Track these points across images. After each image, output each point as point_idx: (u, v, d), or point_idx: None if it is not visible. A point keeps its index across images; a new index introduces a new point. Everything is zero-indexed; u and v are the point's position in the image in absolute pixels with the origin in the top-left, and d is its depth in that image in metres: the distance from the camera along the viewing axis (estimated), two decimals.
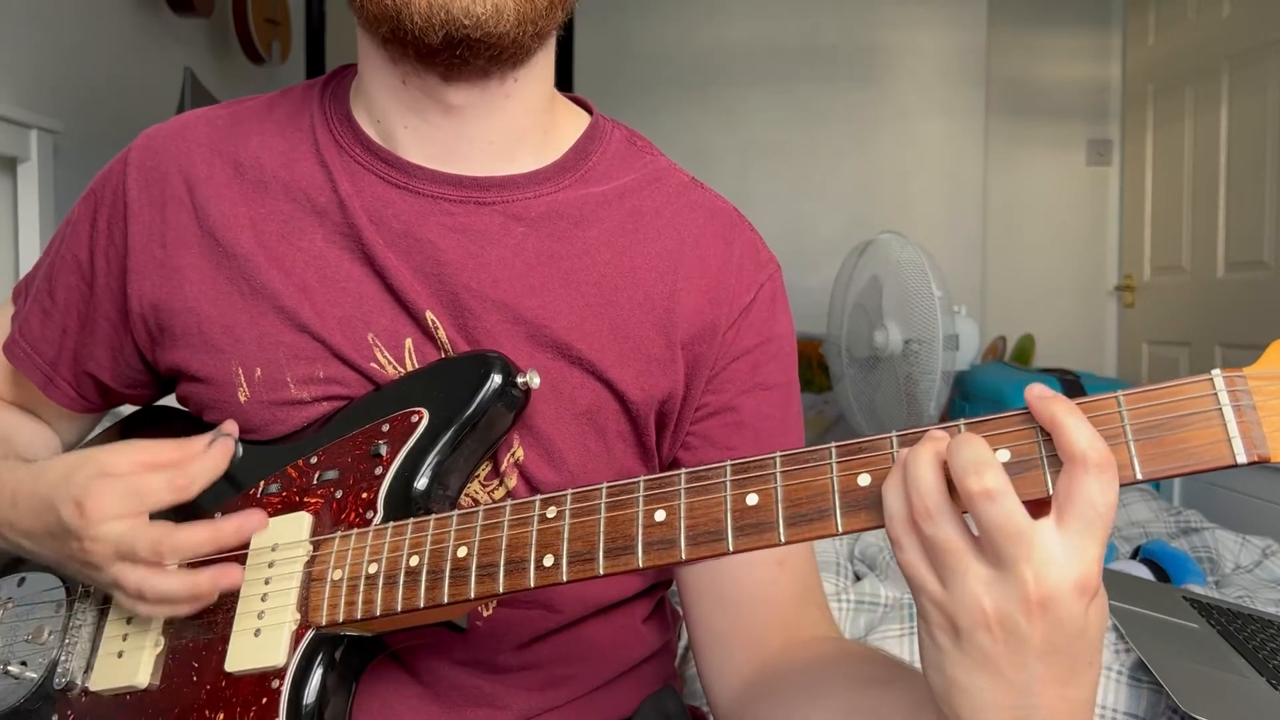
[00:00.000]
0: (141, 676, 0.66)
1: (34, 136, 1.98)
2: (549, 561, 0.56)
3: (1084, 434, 0.46)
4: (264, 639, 0.63)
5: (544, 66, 0.74)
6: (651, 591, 0.83)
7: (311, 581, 0.63)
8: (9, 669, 0.71)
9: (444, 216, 0.72)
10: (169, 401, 0.82)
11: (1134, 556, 1.66)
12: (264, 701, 0.61)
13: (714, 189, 0.81)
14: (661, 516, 0.54)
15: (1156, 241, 3.64)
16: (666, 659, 0.86)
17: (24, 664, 0.71)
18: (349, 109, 0.75)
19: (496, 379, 0.66)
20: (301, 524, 0.66)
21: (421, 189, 0.72)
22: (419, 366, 0.71)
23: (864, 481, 0.51)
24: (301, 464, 0.69)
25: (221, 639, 0.64)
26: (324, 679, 0.61)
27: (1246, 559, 1.71)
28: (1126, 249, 3.87)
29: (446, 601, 0.59)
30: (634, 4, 3.94)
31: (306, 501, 0.67)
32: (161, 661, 0.66)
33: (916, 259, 2.31)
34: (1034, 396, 0.48)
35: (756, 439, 0.76)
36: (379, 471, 0.66)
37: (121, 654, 0.67)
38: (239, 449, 0.70)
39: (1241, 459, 0.45)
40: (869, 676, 0.65)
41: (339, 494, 0.67)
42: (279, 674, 0.61)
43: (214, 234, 0.73)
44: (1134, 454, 0.47)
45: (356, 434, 0.68)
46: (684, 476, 0.55)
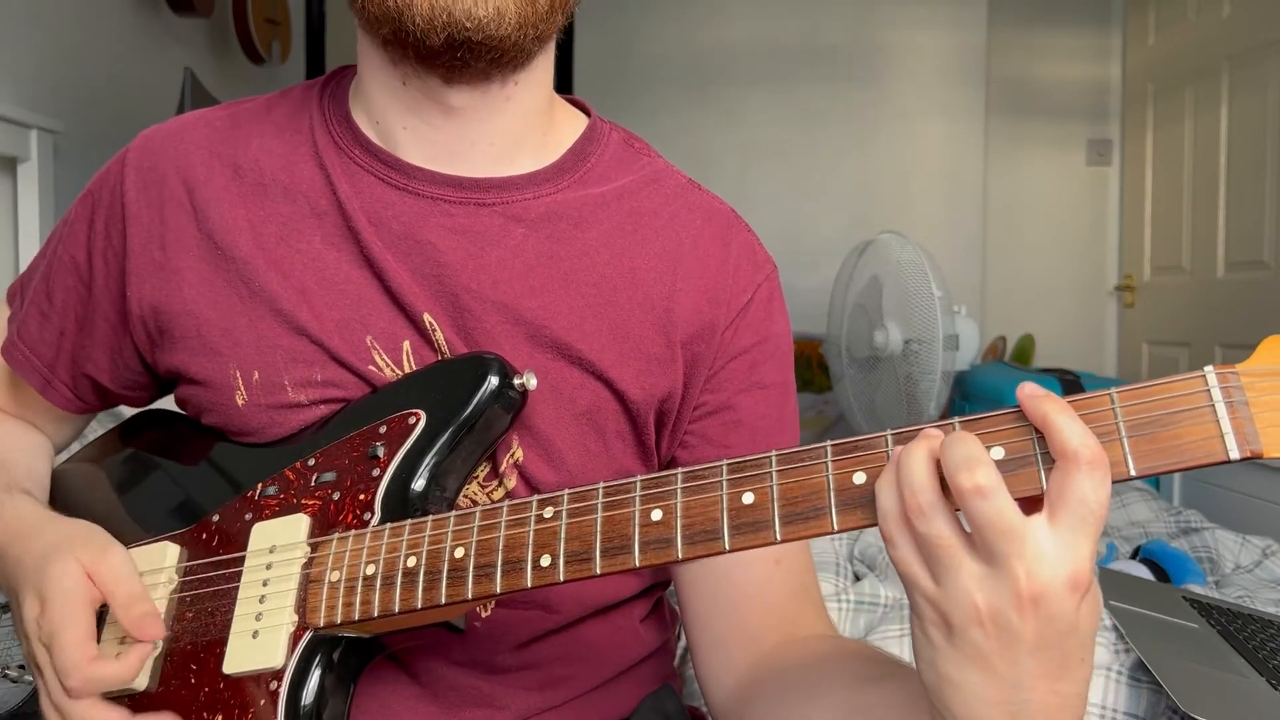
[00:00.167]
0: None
1: (34, 136, 1.98)
2: (546, 562, 0.56)
3: (1075, 431, 0.46)
4: (262, 640, 0.63)
5: (544, 69, 0.74)
6: (649, 592, 0.83)
7: (309, 583, 0.63)
8: (8, 672, 0.71)
9: (443, 218, 0.72)
10: (167, 403, 0.82)
11: (1134, 556, 1.66)
12: (262, 703, 0.61)
13: (713, 190, 0.81)
14: (658, 516, 0.54)
15: (1156, 241, 3.64)
16: (665, 659, 0.86)
17: (22, 668, 0.71)
18: (348, 110, 0.75)
19: (493, 380, 0.66)
20: (299, 526, 0.66)
21: (421, 190, 0.72)
22: (416, 369, 0.71)
23: (859, 480, 0.51)
24: (299, 466, 0.69)
25: (219, 641, 0.64)
26: (322, 680, 0.61)
27: (1246, 559, 1.71)
28: (1126, 249, 3.87)
29: (444, 602, 0.59)
30: (634, 4, 3.95)
31: (304, 503, 0.67)
32: (159, 664, 0.66)
33: (916, 259, 2.31)
34: (1025, 395, 0.48)
35: (753, 437, 0.76)
36: (376, 473, 0.66)
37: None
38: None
39: (1234, 455, 0.45)
40: (865, 674, 0.65)
41: (336, 496, 0.67)
42: (277, 675, 0.61)
43: (213, 236, 0.73)
44: (1127, 450, 0.47)
45: (354, 436, 0.68)
46: (680, 476, 0.55)
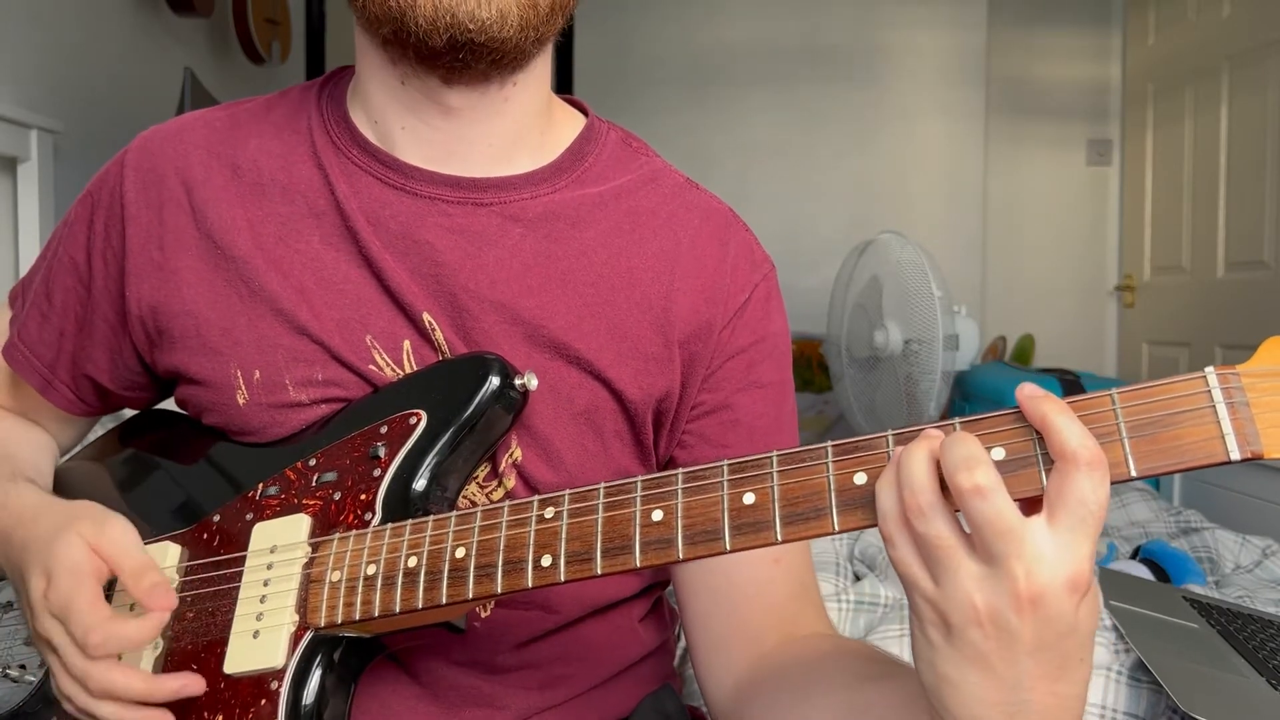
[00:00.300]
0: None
1: (34, 136, 1.98)
2: (547, 562, 0.56)
3: (1075, 432, 0.46)
4: (263, 640, 0.63)
5: (542, 70, 0.74)
6: (649, 591, 0.83)
7: (310, 583, 0.63)
8: (9, 672, 0.71)
9: (441, 218, 0.72)
10: (168, 404, 0.82)
11: (1134, 556, 1.66)
12: (263, 703, 0.61)
13: (713, 190, 0.81)
14: (659, 516, 0.54)
15: (1156, 241, 3.64)
16: (665, 658, 0.86)
17: (23, 667, 0.71)
18: (346, 110, 0.76)
19: (494, 380, 0.66)
20: (300, 526, 0.66)
21: (419, 190, 0.72)
22: (417, 368, 0.71)
23: (860, 480, 0.51)
24: (300, 466, 0.69)
25: (220, 640, 0.64)
26: (323, 680, 0.61)
27: (1246, 559, 1.71)
28: (1126, 249, 3.87)
29: (445, 602, 0.59)
30: (634, 4, 3.95)
31: (305, 503, 0.67)
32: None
33: (916, 259, 2.31)
34: (1024, 396, 0.48)
35: (751, 437, 0.76)
36: (377, 473, 0.66)
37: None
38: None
39: (1235, 455, 0.45)
40: (864, 673, 0.65)
41: (337, 496, 0.67)
42: (278, 675, 0.62)
43: (212, 236, 0.73)
44: (1128, 451, 0.47)
45: (355, 436, 0.68)
46: (681, 476, 0.55)
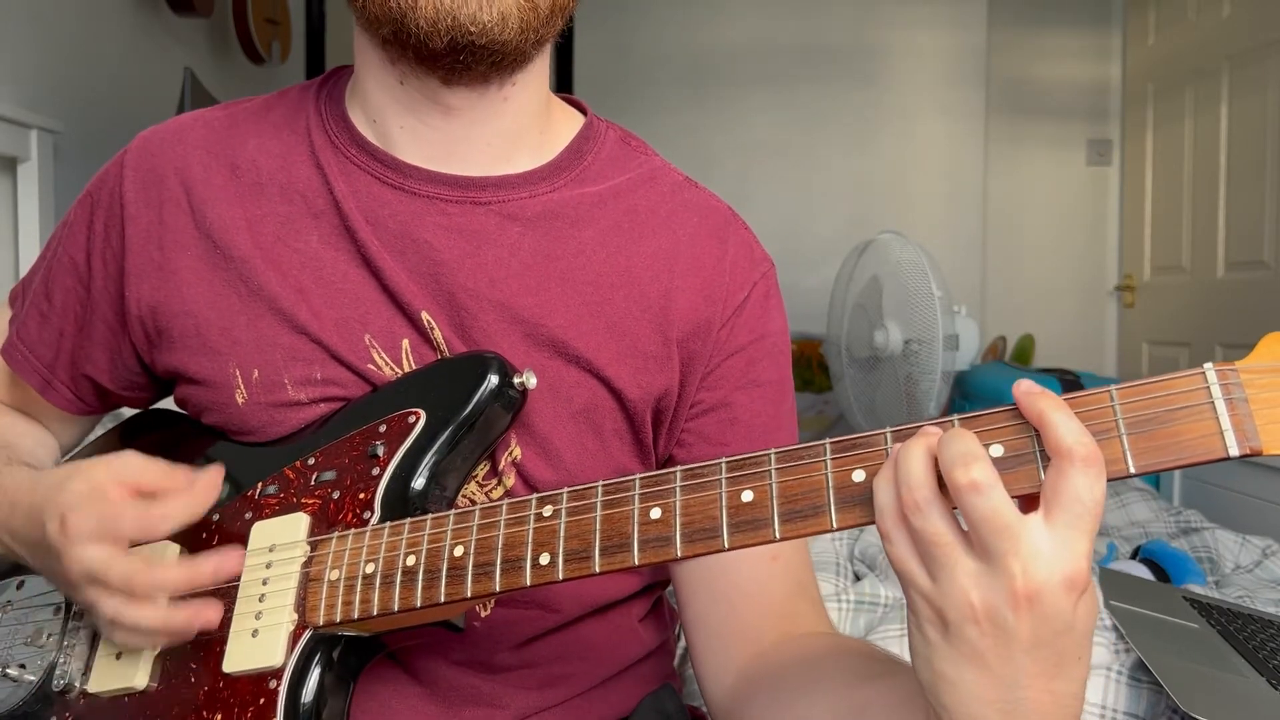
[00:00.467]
0: (139, 678, 0.66)
1: (34, 136, 1.98)
2: (545, 560, 0.56)
3: (1071, 429, 0.46)
4: (261, 639, 0.63)
5: (540, 70, 0.74)
6: (649, 591, 0.83)
7: (309, 582, 0.63)
8: (8, 671, 0.71)
9: (440, 217, 0.72)
10: (168, 404, 0.82)
11: (1134, 556, 1.66)
12: (261, 702, 0.61)
13: (711, 189, 0.81)
14: (657, 514, 0.54)
15: (1156, 241, 3.64)
16: (665, 658, 0.86)
17: (23, 666, 0.71)
18: (344, 109, 0.76)
19: (493, 379, 0.66)
20: (299, 525, 0.66)
21: (417, 189, 0.72)
22: (416, 367, 0.71)
23: (858, 477, 0.51)
24: (299, 465, 0.69)
25: (219, 640, 0.64)
26: (321, 679, 0.61)
27: (1246, 559, 1.71)
28: (1126, 249, 3.87)
29: (443, 601, 0.59)
30: (634, 4, 3.95)
31: (304, 502, 0.67)
32: (159, 663, 0.66)
33: (916, 259, 2.31)
34: (1021, 393, 0.48)
35: (750, 435, 0.76)
36: (376, 472, 0.66)
37: (119, 656, 0.67)
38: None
39: (1234, 451, 0.45)
40: (862, 671, 0.65)
41: (336, 494, 0.67)
42: (277, 674, 0.61)
43: (211, 236, 0.73)
44: (1126, 447, 0.47)
45: (354, 435, 0.68)
46: (679, 474, 0.55)
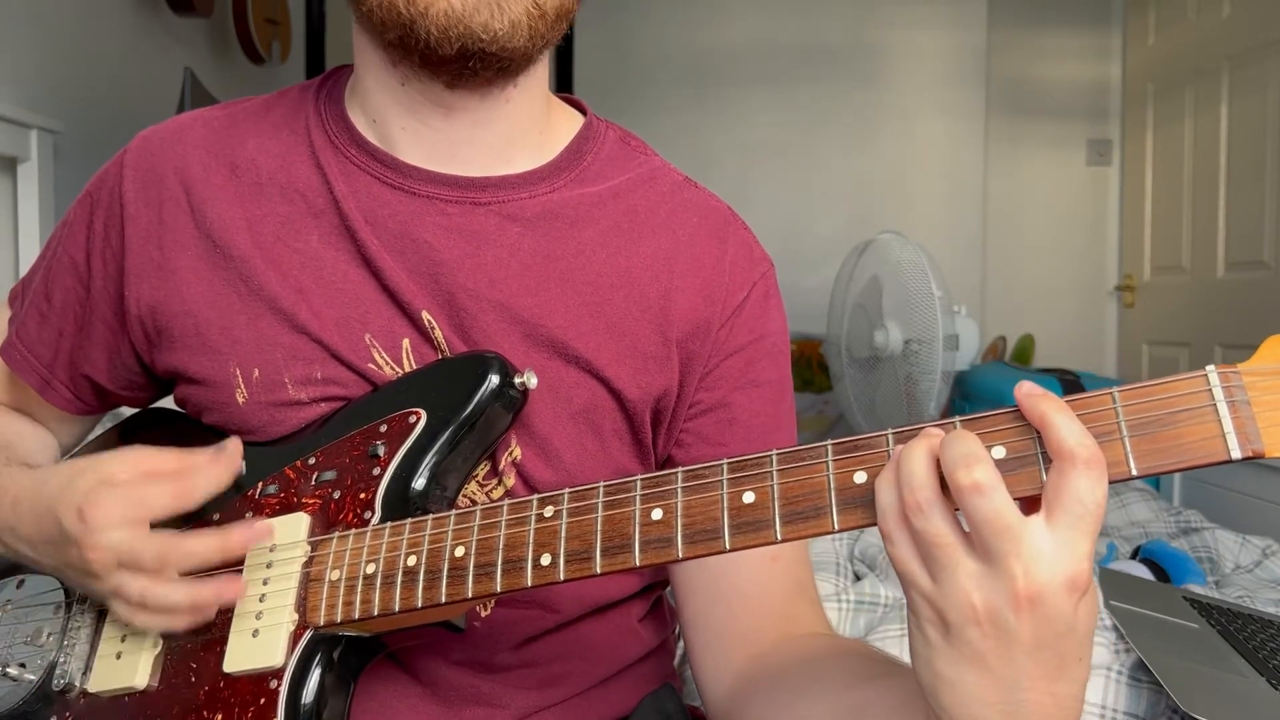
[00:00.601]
0: (140, 678, 0.66)
1: (34, 136, 1.98)
2: (546, 560, 0.56)
3: (1073, 431, 0.46)
4: (262, 639, 0.63)
5: (541, 70, 0.75)
6: (649, 591, 0.83)
7: (309, 582, 0.63)
8: (8, 671, 0.71)
9: (440, 217, 0.72)
10: (167, 403, 0.82)
11: (1134, 556, 1.66)
12: (262, 702, 0.61)
13: (711, 189, 0.81)
14: (658, 515, 0.54)
15: (1156, 241, 3.64)
16: (665, 658, 0.86)
17: (23, 666, 0.71)
18: (344, 109, 0.76)
19: (494, 379, 0.66)
20: (299, 524, 0.66)
21: (417, 189, 0.72)
22: (417, 367, 0.71)
23: (860, 479, 0.51)
24: (300, 465, 0.69)
25: (220, 640, 0.64)
26: (322, 679, 0.61)
27: (1246, 559, 1.71)
28: (1126, 249, 3.87)
29: (444, 601, 0.59)
30: (634, 4, 3.95)
31: (304, 502, 0.67)
32: (160, 662, 0.66)
33: (916, 259, 2.31)
34: (1023, 394, 0.48)
35: (749, 435, 0.76)
36: (377, 472, 0.66)
37: (120, 655, 0.67)
38: (244, 466, 0.69)
39: (1236, 454, 0.45)
40: (860, 672, 0.65)
41: (337, 494, 0.67)
42: (277, 674, 0.61)
43: (211, 235, 0.73)
44: (1129, 450, 0.47)
45: (354, 434, 0.68)
46: (680, 475, 0.55)
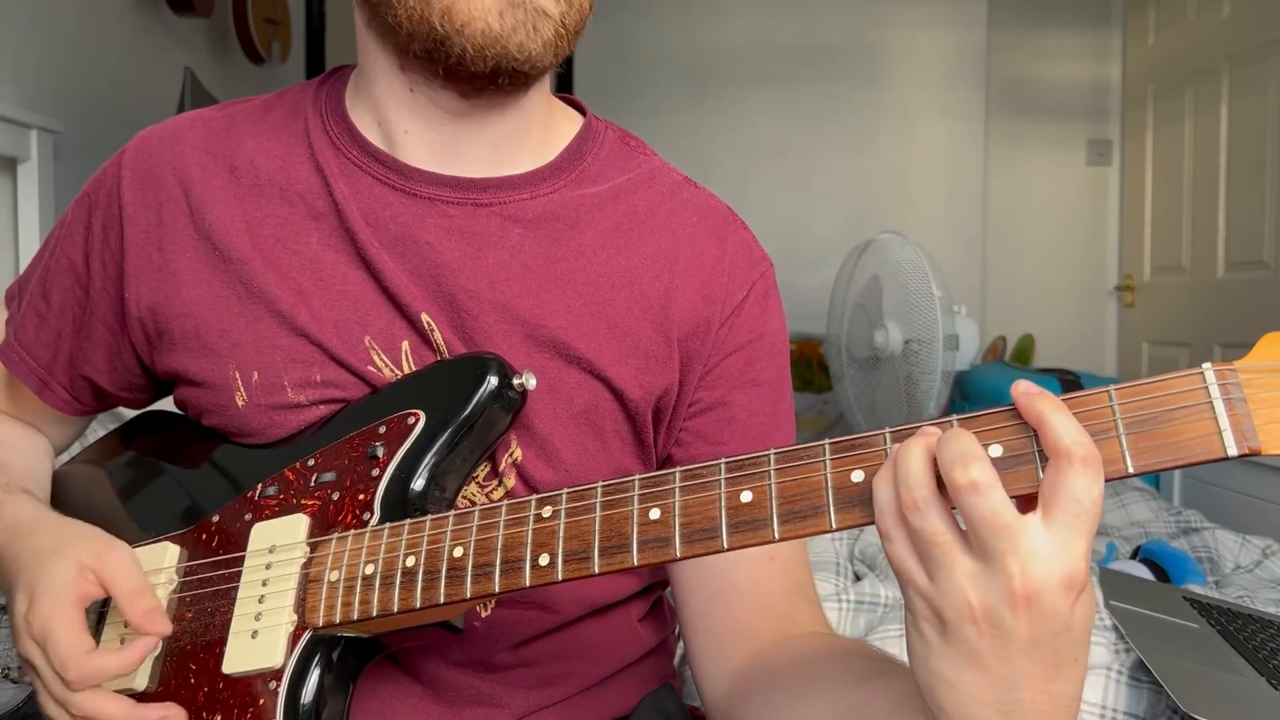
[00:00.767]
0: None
1: (34, 136, 1.98)
2: (544, 561, 0.56)
3: (1069, 429, 0.46)
4: (261, 640, 0.63)
5: (545, 74, 0.75)
6: (649, 591, 0.83)
7: (309, 583, 0.63)
8: (9, 673, 0.71)
9: (441, 219, 0.72)
10: (167, 405, 0.82)
11: (1134, 556, 1.66)
12: (261, 703, 0.61)
13: (711, 189, 0.81)
14: (656, 515, 0.54)
15: (1156, 241, 3.64)
16: (665, 658, 0.86)
17: (23, 669, 0.71)
18: (345, 110, 0.75)
19: (493, 380, 0.66)
20: (299, 526, 0.66)
21: (418, 191, 0.72)
22: (416, 369, 0.71)
23: (857, 478, 0.51)
24: (299, 466, 0.69)
25: (219, 641, 0.64)
26: (321, 680, 0.61)
27: (1246, 559, 1.71)
28: (1126, 249, 3.87)
29: (443, 601, 0.59)
30: (634, 4, 3.95)
31: (304, 503, 0.67)
32: (159, 664, 0.67)
33: (916, 259, 2.31)
34: (1020, 393, 0.48)
35: (748, 435, 0.76)
36: (376, 473, 0.66)
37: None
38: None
39: (1232, 451, 0.45)
40: (858, 672, 0.65)
41: (336, 496, 0.67)
42: (276, 675, 0.62)
43: (210, 237, 0.73)
44: (1125, 448, 0.47)
45: (353, 436, 0.68)
46: (678, 475, 0.55)
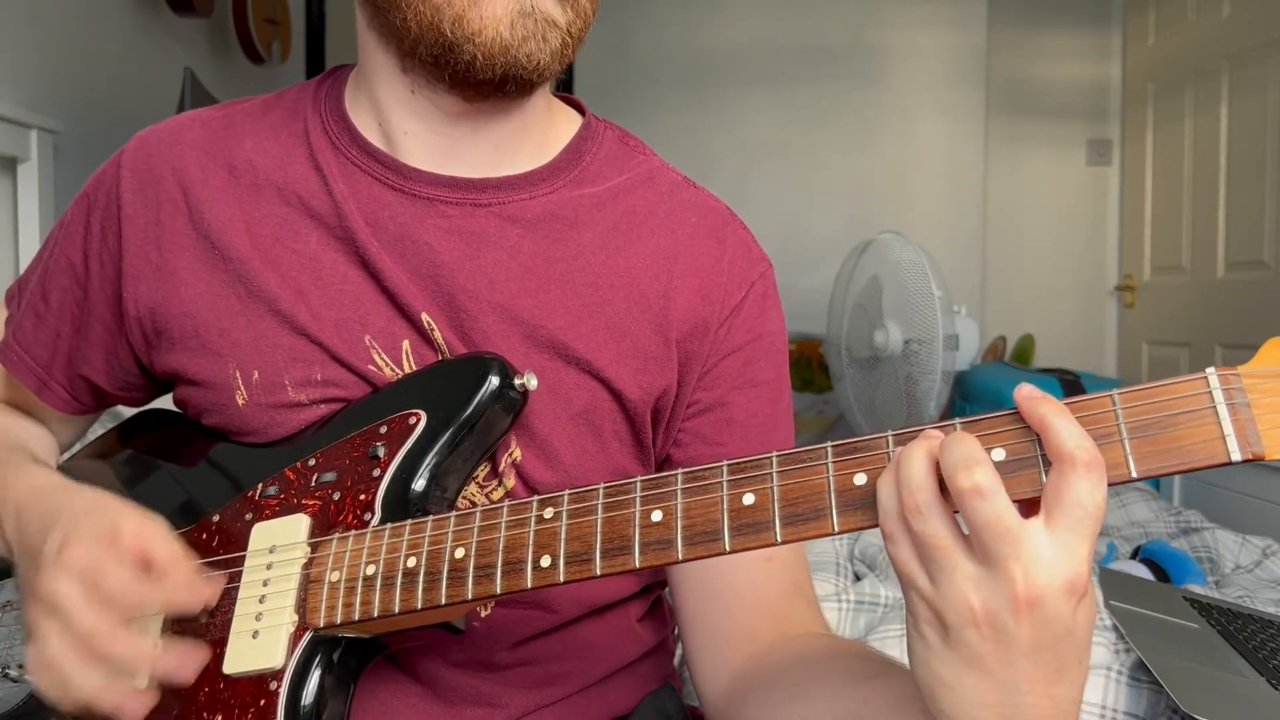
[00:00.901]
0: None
1: (34, 136, 1.97)
2: (546, 562, 0.56)
3: (1072, 433, 0.46)
4: (262, 641, 0.62)
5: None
6: (648, 591, 0.83)
7: (309, 583, 0.63)
8: (8, 672, 0.71)
9: (440, 219, 0.72)
10: (166, 403, 0.82)
11: (1134, 556, 1.66)
12: (262, 703, 0.61)
13: (711, 189, 0.82)
14: (658, 517, 0.54)
15: (1156, 241, 3.64)
16: (664, 658, 0.86)
17: (23, 667, 0.71)
18: (345, 110, 0.75)
19: (494, 380, 0.66)
20: (299, 526, 0.66)
21: (418, 191, 0.72)
22: (417, 368, 0.71)
23: (860, 481, 0.51)
24: (300, 466, 0.69)
25: (219, 641, 0.64)
26: (322, 680, 0.61)
27: (1246, 559, 1.71)
28: (1126, 249, 3.87)
29: (444, 603, 0.59)
30: (634, 4, 3.95)
31: (304, 503, 0.67)
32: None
33: (916, 259, 2.31)
34: (1022, 397, 0.48)
35: (746, 435, 0.76)
36: (377, 473, 0.66)
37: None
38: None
39: (1236, 456, 0.45)
40: (857, 672, 0.65)
41: (337, 496, 0.67)
42: (277, 676, 0.61)
43: (209, 237, 0.73)
44: (1128, 452, 0.47)
45: (354, 436, 0.68)
46: (680, 476, 0.55)
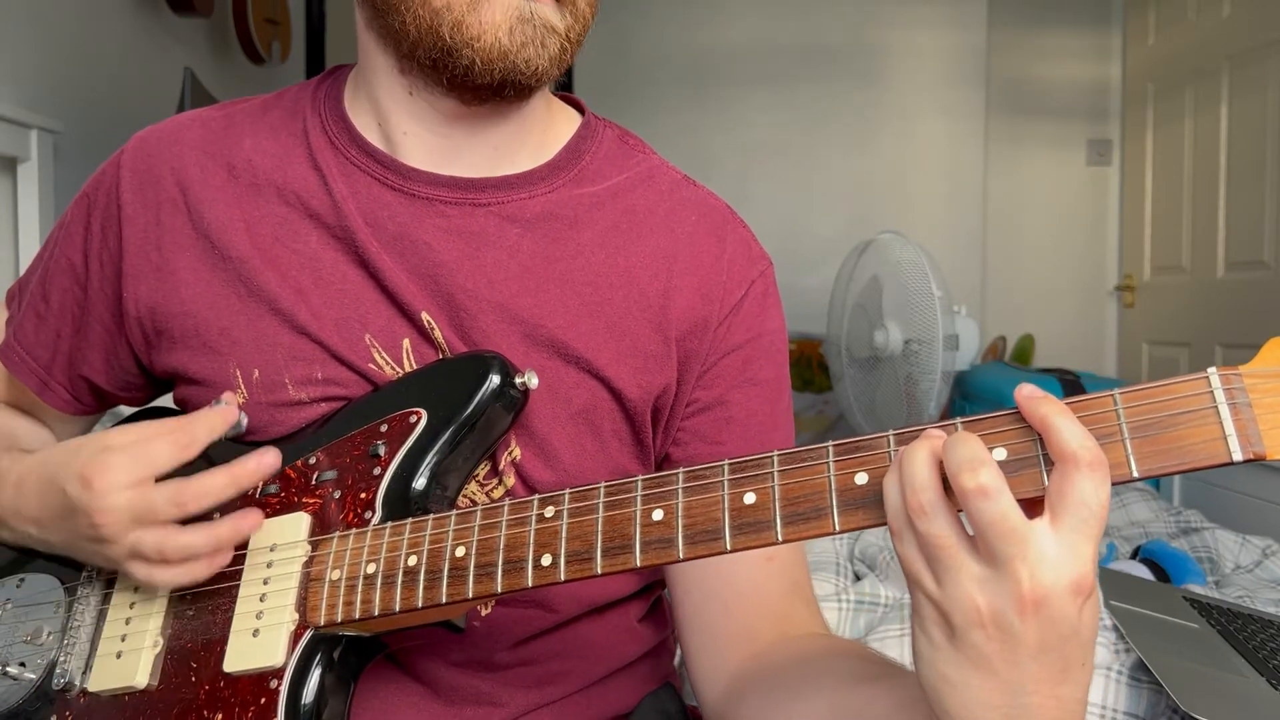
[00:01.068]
0: (140, 677, 0.66)
1: (34, 136, 1.97)
2: (547, 561, 0.56)
3: (1075, 433, 0.46)
4: (262, 639, 0.63)
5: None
6: (648, 591, 0.83)
7: (310, 582, 0.63)
8: (7, 670, 0.71)
9: (439, 219, 0.72)
10: (166, 402, 0.82)
11: (1134, 556, 1.66)
12: (262, 702, 0.61)
13: (710, 188, 0.81)
14: (659, 516, 0.54)
15: (1156, 241, 3.64)
16: (665, 657, 0.86)
17: (22, 665, 0.71)
18: (344, 110, 0.76)
19: (495, 379, 0.66)
20: (300, 524, 0.66)
21: (417, 191, 0.72)
22: (417, 367, 0.71)
23: (861, 480, 0.51)
24: (300, 464, 0.69)
25: (220, 639, 0.64)
26: (322, 679, 0.61)
27: (1246, 559, 1.71)
28: (1126, 249, 3.87)
29: (445, 601, 0.59)
30: (634, 4, 3.94)
31: (305, 502, 0.67)
32: (160, 662, 0.66)
33: (916, 259, 2.31)
34: (1023, 397, 0.48)
35: (746, 434, 0.76)
36: (377, 472, 0.66)
37: (120, 654, 0.67)
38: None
39: (1237, 457, 0.45)
40: (857, 673, 0.65)
41: (337, 494, 0.67)
42: (277, 674, 0.61)
43: (209, 236, 0.73)
44: (1130, 452, 0.47)
45: (355, 434, 0.68)
46: (681, 475, 0.55)
